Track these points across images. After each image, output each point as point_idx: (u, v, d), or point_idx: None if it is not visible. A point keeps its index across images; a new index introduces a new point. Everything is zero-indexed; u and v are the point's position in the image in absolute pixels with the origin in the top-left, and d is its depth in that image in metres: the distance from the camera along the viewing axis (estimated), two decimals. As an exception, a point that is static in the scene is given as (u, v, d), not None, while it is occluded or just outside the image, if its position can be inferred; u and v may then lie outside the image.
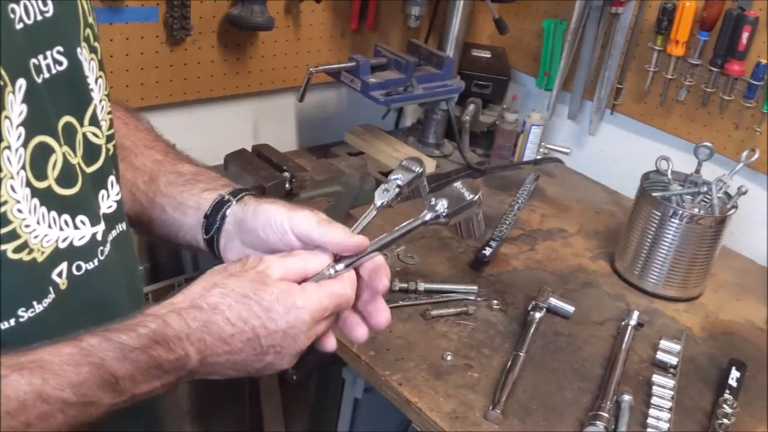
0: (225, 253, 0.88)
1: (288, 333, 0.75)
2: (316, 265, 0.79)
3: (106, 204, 0.79)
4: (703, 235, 1.51)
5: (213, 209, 0.89)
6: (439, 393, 1.23)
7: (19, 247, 0.66)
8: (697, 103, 1.82)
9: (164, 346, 0.69)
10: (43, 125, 0.67)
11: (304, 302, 0.75)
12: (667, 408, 1.25)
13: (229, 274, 0.76)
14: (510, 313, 1.46)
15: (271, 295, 0.74)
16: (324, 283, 0.78)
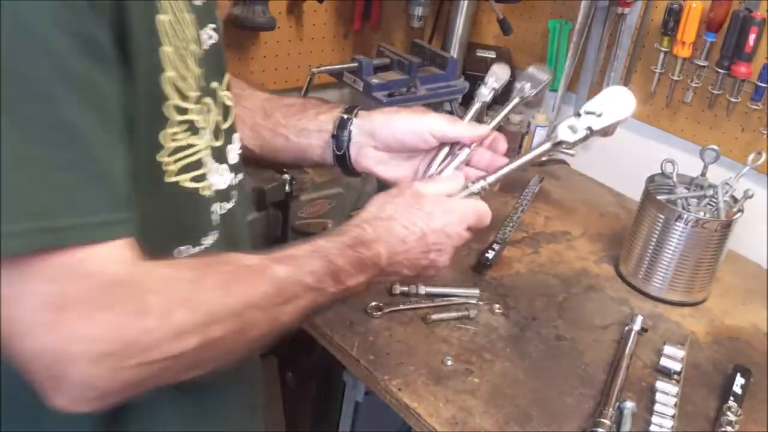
0: (359, 160, 1.09)
1: (445, 230, 0.96)
2: (455, 185, 1.02)
3: (233, 156, 0.92)
4: (708, 239, 1.49)
5: (338, 128, 1.08)
6: (438, 398, 1.22)
7: (208, 186, 0.83)
8: (703, 105, 1.80)
9: (365, 245, 0.90)
10: (205, 88, 0.81)
11: (456, 207, 0.98)
12: (670, 415, 1.23)
13: (393, 195, 0.98)
14: (512, 318, 1.44)
15: (429, 203, 0.97)
16: (470, 199, 1.02)
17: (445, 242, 0.97)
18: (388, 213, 0.95)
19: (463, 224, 0.98)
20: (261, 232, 1.42)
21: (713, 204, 1.56)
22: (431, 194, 0.98)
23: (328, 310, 1.37)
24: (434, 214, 0.96)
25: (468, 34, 1.98)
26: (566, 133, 1.00)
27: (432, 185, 1.00)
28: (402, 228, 0.94)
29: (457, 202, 1.00)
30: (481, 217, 1.01)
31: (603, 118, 0.99)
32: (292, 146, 1.10)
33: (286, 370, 1.70)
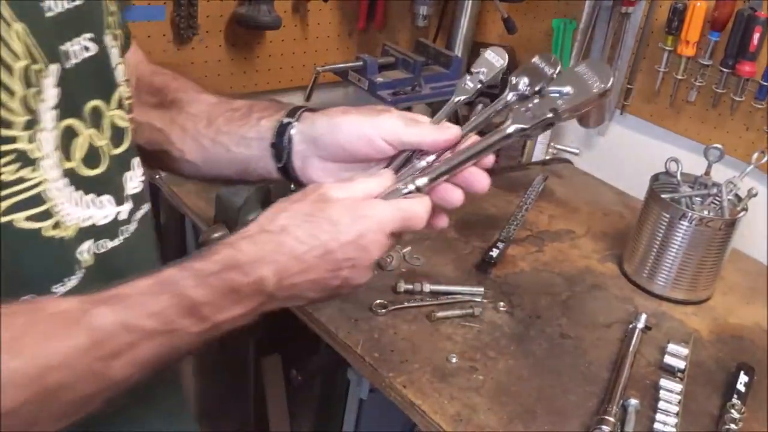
0: (305, 173, 0.89)
1: (359, 243, 0.76)
2: (379, 186, 0.79)
3: (132, 184, 0.80)
4: (712, 237, 1.49)
5: (277, 135, 0.89)
6: (443, 395, 1.22)
7: (52, 225, 0.69)
8: (707, 104, 1.80)
9: (239, 270, 0.71)
10: (71, 109, 0.70)
11: (372, 212, 0.76)
12: (674, 413, 1.23)
13: (293, 201, 0.78)
14: (516, 316, 1.45)
15: (337, 210, 0.76)
16: (394, 200, 0.79)
17: (360, 257, 0.76)
18: (280, 224, 0.75)
19: (382, 231, 0.77)
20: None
21: (717, 203, 1.56)
22: (341, 198, 0.77)
23: (329, 308, 1.38)
24: (342, 223, 0.75)
25: (472, 33, 1.98)
26: (523, 120, 0.80)
27: (346, 186, 0.78)
28: (297, 243, 0.74)
29: (373, 204, 0.77)
30: (408, 219, 0.78)
31: (571, 96, 0.80)
32: (234, 158, 0.93)
33: (291, 368, 1.71)
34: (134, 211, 0.80)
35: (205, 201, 1.63)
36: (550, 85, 0.81)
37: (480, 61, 0.88)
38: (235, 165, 0.94)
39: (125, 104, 0.80)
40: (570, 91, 0.80)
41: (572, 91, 0.80)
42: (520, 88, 0.84)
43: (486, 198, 1.88)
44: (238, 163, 0.93)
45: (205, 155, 0.94)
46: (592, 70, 0.80)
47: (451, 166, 0.80)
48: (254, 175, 0.94)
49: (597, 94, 0.79)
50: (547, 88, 0.81)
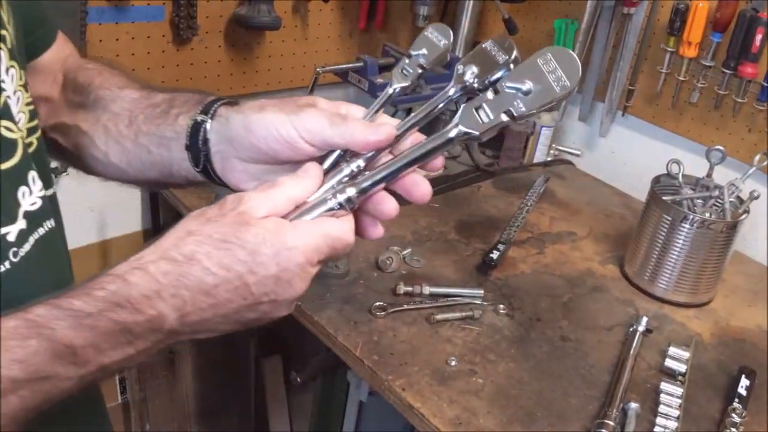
0: (227, 176, 0.79)
1: (281, 277, 0.65)
2: (305, 191, 0.69)
3: (29, 201, 0.72)
4: (714, 240, 1.48)
5: (191, 136, 0.79)
6: (442, 399, 1.22)
7: None
8: (709, 105, 1.79)
9: (128, 307, 0.61)
10: None
11: (295, 241, 0.65)
12: (674, 416, 1.23)
13: (206, 219, 0.66)
14: (517, 318, 1.44)
15: (256, 237, 0.64)
16: (320, 221, 0.68)
17: (283, 292, 0.67)
18: (187, 251, 0.64)
19: (307, 263, 0.67)
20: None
21: (719, 205, 1.55)
22: (263, 219, 0.66)
23: (328, 310, 1.37)
24: (262, 253, 0.64)
25: (473, 33, 1.98)
26: (471, 121, 0.67)
27: (268, 196, 0.67)
28: (206, 274, 0.63)
29: (298, 232, 0.66)
30: (335, 247, 0.68)
31: (532, 96, 0.66)
32: (155, 160, 0.83)
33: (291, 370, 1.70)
34: (30, 231, 0.72)
35: (205, 202, 1.62)
36: (506, 79, 0.67)
37: (419, 41, 0.74)
38: (158, 167, 0.84)
39: (17, 113, 0.72)
40: (530, 88, 0.66)
41: (533, 88, 0.66)
42: (467, 79, 0.71)
43: (487, 199, 1.87)
44: (160, 166, 0.84)
45: (129, 158, 0.85)
46: (558, 60, 0.66)
47: (385, 174, 0.69)
48: (179, 178, 0.84)
49: (562, 94, 0.66)
50: (503, 82, 0.67)
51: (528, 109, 0.66)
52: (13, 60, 0.73)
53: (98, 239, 1.82)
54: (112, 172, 0.88)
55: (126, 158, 0.85)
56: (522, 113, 0.66)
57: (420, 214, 1.74)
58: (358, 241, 0.74)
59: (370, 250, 1.54)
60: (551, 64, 0.66)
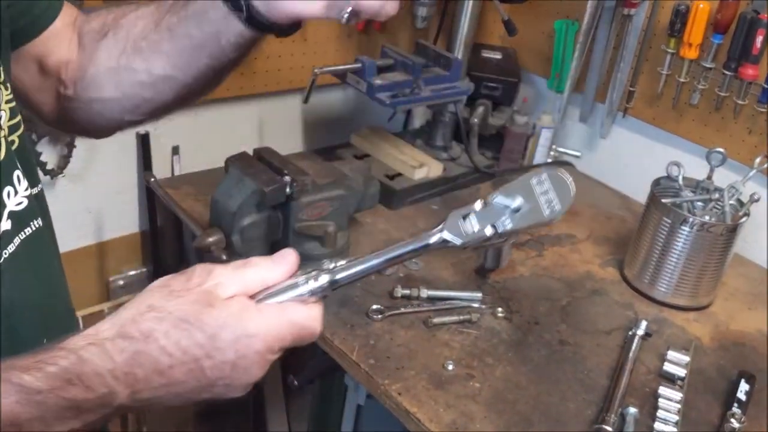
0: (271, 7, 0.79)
1: (238, 364, 0.64)
2: (277, 276, 0.68)
3: (14, 201, 0.72)
4: (714, 242, 1.47)
5: None
6: (439, 403, 1.21)
7: None
8: (710, 107, 1.78)
9: (79, 385, 0.59)
10: None
11: (257, 329, 0.64)
12: (673, 421, 1.22)
13: (169, 292, 0.64)
14: (515, 322, 1.43)
15: (217, 320, 0.62)
16: (287, 307, 0.66)
17: (238, 377, 0.65)
18: (144, 329, 0.61)
19: (267, 351, 0.65)
20: (261, 235, 1.41)
21: (719, 208, 1.54)
22: (227, 301, 0.64)
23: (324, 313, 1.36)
24: (221, 339, 0.62)
25: (473, 34, 1.96)
26: (456, 230, 0.67)
27: (239, 275, 0.66)
28: (162, 354, 0.61)
29: (261, 318, 0.64)
30: (300, 337, 0.67)
31: (520, 216, 0.66)
32: (201, 41, 0.83)
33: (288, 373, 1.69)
34: (16, 230, 0.71)
35: (202, 204, 1.62)
36: (498, 193, 0.67)
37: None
38: (207, 49, 0.83)
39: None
40: (520, 206, 0.66)
41: (522, 207, 0.66)
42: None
43: (486, 201, 1.86)
44: (208, 44, 0.83)
45: (171, 60, 0.85)
46: (552, 183, 0.66)
47: (361, 269, 0.69)
48: (228, 47, 0.83)
49: (551, 218, 0.66)
50: (493, 196, 0.67)
51: (514, 227, 0.66)
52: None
53: (95, 241, 1.81)
54: (163, 89, 0.87)
55: (170, 62, 0.85)
56: (507, 230, 0.66)
57: (419, 216, 1.73)
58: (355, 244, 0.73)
59: (367, 253, 1.53)
60: (545, 186, 0.66)
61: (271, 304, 0.66)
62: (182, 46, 0.84)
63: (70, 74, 0.89)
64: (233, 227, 1.37)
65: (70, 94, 0.90)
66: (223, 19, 0.80)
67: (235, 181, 1.38)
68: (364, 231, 1.62)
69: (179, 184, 1.73)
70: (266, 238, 1.42)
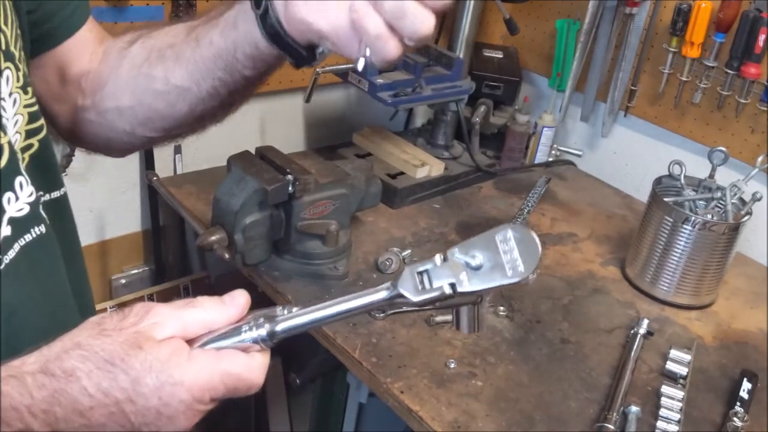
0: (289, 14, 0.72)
1: (162, 412, 0.60)
2: (222, 319, 0.64)
3: (15, 207, 0.71)
4: (716, 241, 1.47)
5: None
6: (441, 401, 1.21)
7: None
8: (712, 105, 1.78)
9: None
10: None
11: (183, 376, 0.60)
12: (675, 420, 1.22)
13: (100, 330, 0.61)
14: (516, 320, 1.43)
15: (143, 363, 0.60)
16: (225, 355, 0.62)
17: (164, 425, 0.61)
18: (68, 366, 0.59)
19: (197, 400, 0.61)
20: (263, 234, 1.41)
21: (721, 206, 1.54)
22: (162, 342, 0.61)
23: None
24: (144, 383, 0.60)
25: (475, 33, 1.96)
26: (411, 286, 0.62)
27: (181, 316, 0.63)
28: (83, 395, 0.59)
29: (197, 364, 0.61)
30: (236, 385, 0.63)
31: (479, 275, 0.60)
32: (219, 49, 0.81)
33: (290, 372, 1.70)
34: (15, 237, 0.70)
35: (204, 203, 1.62)
36: (458, 248, 0.62)
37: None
38: (223, 58, 0.80)
39: (5, 119, 0.71)
40: (480, 264, 0.61)
41: (483, 265, 0.61)
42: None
43: (487, 200, 1.86)
44: (225, 54, 0.80)
45: (189, 68, 0.83)
46: (518, 242, 0.60)
47: (307, 320, 0.65)
48: (242, 61, 0.80)
49: (513, 281, 0.60)
50: (454, 251, 0.62)
51: (473, 287, 0.61)
52: (8, 62, 0.72)
53: (97, 240, 1.82)
54: (175, 101, 0.86)
55: (187, 71, 0.83)
56: (464, 290, 0.61)
57: (420, 215, 1.73)
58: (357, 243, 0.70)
59: (369, 252, 1.53)
60: (509, 244, 0.60)
61: (207, 351, 0.62)
62: (202, 55, 0.82)
63: (90, 84, 0.89)
64: (235, 226, 1.37)
65: (87, 105, 0.89)
66: (246, 32, 0.78)
67: (238, 180, 1.38)
68: (366, 230, 1.62)
69: (181, 182, 1.74)
70: (268, 236, 1.42)
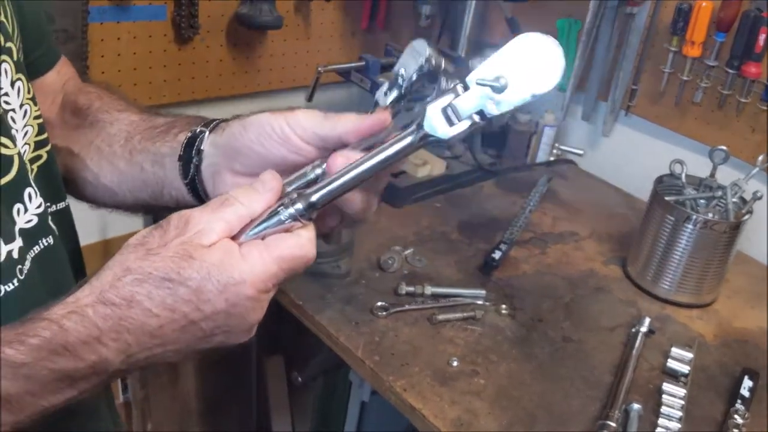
0: (216, 190, 0.76)
1: (231, 312, 0.61)
2: (258, 207, 0.63)
3: (24, 219, 0.70)
4: (717, 240, 1.48)
5: (186, 147, 0.76)
6: (444, 399, 1.21)
7: None
8: (713, 105, 1.79)
9: (66, 355, 0.57)
10: None
11: (242, 275, 0.60)
12: (677, 418, 1.22)
13: (146, 251, 0.61)
14: (518, 319, 1.43)
15: (199, 272, 0.59)
16: (273, 241, 0.62)
17: (236, 324, 0.63)
18: (125, 293, 0.59)
19: (258, 292, 0.62)
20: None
21: (722, 205, 1.54)
22: (210, 247, 0.61)
23: (329, 310, 1.37)
24: (207, 290, 0.60)
25: (476, 33, 1.97)
26: (439, 123, 0.60)
27: (222, 216, 0.62)
28: (149, 317, 0.59)
29: (252, 259, 0.61)
30: (290, 268, 0.63)
31: (507, 94, 0.57)
32: (148, 178, 0.81)
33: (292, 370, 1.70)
34: (27, 248, 0.70)
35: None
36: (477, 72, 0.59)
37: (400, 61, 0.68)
38: (150, 187, 0.82)
39: (15, 130, 0.71)
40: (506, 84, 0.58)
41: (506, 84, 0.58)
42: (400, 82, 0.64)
43: (489, 199, 1.87)
44: (153, 186, 0.82)
45: (120, 178, 0.83)
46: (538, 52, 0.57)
47: (341, 184, 0.63)
48: (168, 200, 0.81)
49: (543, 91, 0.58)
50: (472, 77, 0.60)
51: (502, 108, 0.58)
52: (20, 73, 0.72)
53: (100, 238, 1.82)
54: (102, 195, 0.87)
55: (117, 178, 0.84)
56: (494, 113, 0.59)
57: (422, 214, 1.74)
58: (359, 242, 0.71)
59: (371, 250, 1.54)
60: (529, 55, 0.57)
61: (255, 243, 0.62)
62: (132, 174, 0.82)
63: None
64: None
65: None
66: (174, 176, 0.79)
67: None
68: (368, 228, 1.62)
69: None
70: (271, 235, 1.42)
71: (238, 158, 0.73)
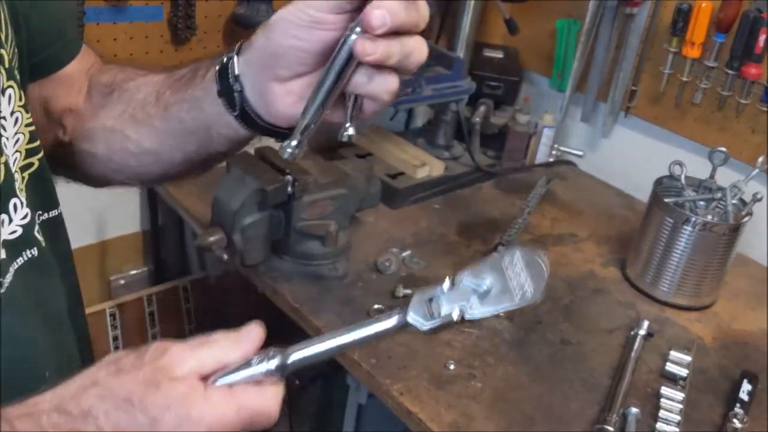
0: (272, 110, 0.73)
1: None
2: (236, 356, 0.63)
3: (8, 230, 0.69)
4: (716, 242, 1.47)
5: (220, 80, 0.74)
6: (440, 403, 1.21)
7: None
8: (712, 106, 1.78)
9: None
10: None
11: (201, 414, 0.59)
12: (675, 421, 1.21)
13: (117, 369, 0.61)
14: (517, 321, 1.43)
15: (161, 402, 0.59)
16: (239, 389, 0.62)
17: None
18: (85, 406, 0.59)
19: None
20: (262, 234, 1.40)
21: (721, 207, 1.54)
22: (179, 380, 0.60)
23: (326, 313, 1.36)
24: (163, 422, 0.59)
25: (475, 33, 1.96)
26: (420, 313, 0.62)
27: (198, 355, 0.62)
28: None
29: (213, 400, 0.60)
30: (253, 419, 0.62)
31: (489, 298, 0.61)
32: (190, 128, 0.79)
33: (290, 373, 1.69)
34: (10, 260, 0.69)
35: (203, 203, 1.61)
36: (466, 273, 0.62)
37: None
38: (195, 136, 0.80)
39: (4, 137, 0.70)
40: (488, 288, 0.61)
41: (491, 290, 0.61)
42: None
43: (488, 200, 1.86)
44: (197, 134, 0.80)
45: (161, 138, 0.82)
46: (527, 266, 0.61)
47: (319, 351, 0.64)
48: (221, 141, 0.79)
49: (522, 304, 0.60)
50: (462, 275, 0.62)
51: (481, 313, 0.61)
52: (11, 80, 0.71)
53: (97, 240, 1.82)
54: (149, 164, 0.85)
55: (158, 139, 0.82)
56: (473, 315, 0.61)
57: (420, 216, 1.73)
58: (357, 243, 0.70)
59: (369, 252, 1.53)
60: (517, 268, 0.61)
61: (221, 388, 0.62)
62: (172, 128, 0.81)
63: (72, 122, 0.88)
64: (234, 226, 1.36)
65: (66, 142, 0.88)
66: (217, 114, 0.77)
67: (237, 180, 1.38)
68: (366, 230, 1.62)
69: (181, 182, 1.73)
70: (267, 237, 1.42)
71: (279, 63, 0.70)
